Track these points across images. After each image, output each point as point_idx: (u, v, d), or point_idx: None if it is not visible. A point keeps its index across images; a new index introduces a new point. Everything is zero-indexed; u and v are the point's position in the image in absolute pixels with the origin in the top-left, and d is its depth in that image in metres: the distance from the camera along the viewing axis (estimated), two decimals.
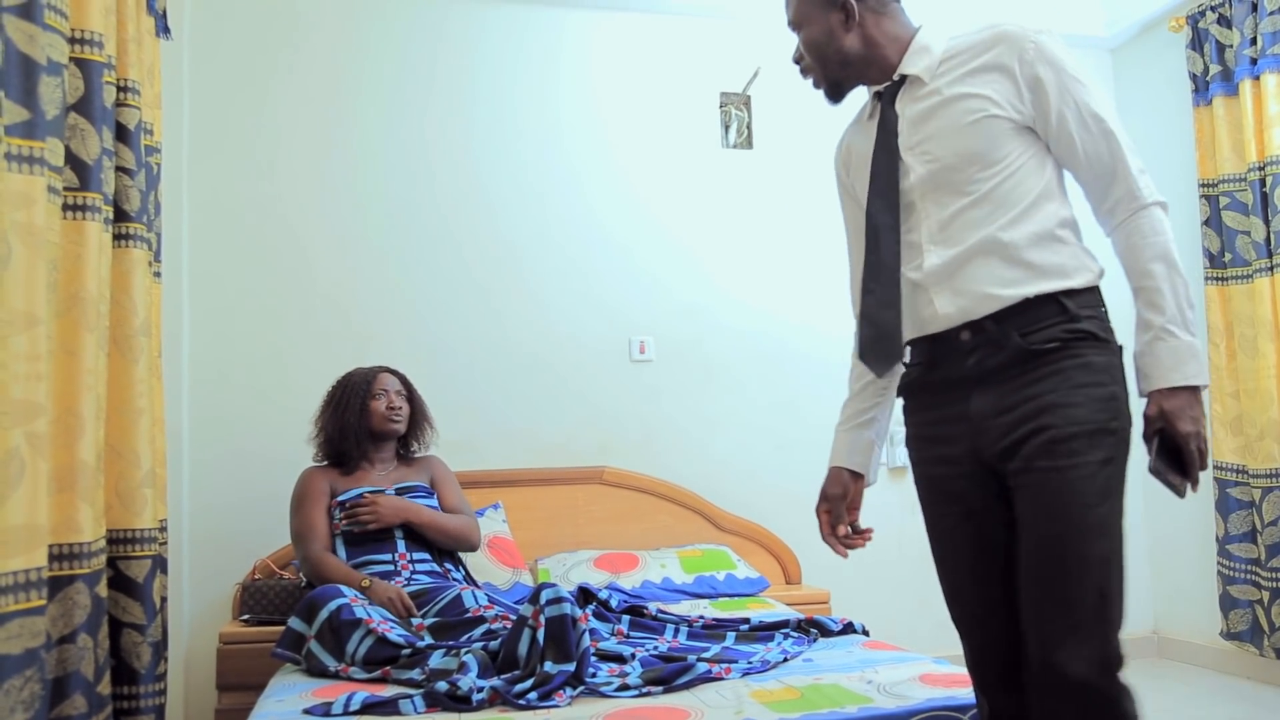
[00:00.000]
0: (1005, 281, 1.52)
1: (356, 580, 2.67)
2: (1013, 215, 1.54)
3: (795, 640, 2.56)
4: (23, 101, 2.04)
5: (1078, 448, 1.44)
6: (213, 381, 3.42)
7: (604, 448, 3.75)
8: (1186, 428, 1.43)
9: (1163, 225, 1.52)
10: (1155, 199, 1.52)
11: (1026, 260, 1.52)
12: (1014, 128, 1.56)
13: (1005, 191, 1.55)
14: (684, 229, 3.93)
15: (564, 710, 1.99)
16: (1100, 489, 1.45)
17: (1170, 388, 1.45)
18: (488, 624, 2.46)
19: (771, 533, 3.75)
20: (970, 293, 1.55)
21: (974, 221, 1.55)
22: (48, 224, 2.10)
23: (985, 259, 1.54)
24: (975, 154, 1.55)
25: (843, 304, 4.01)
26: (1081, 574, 1.43)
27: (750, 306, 3.93)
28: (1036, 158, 1.57)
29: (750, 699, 2.02)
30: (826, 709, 1.93)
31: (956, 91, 1.58)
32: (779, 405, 3.92)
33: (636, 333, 3.84)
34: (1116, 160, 1.54)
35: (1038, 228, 1.54)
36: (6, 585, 1.90)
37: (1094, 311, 1.54)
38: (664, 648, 2.48)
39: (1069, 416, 1.46)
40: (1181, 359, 1.46)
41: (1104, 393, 1.49)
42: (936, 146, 1.59)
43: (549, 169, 3.83)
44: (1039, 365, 1.50)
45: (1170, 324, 1.47)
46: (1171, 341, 1.47)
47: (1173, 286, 1.49)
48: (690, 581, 3.34)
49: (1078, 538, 1.43)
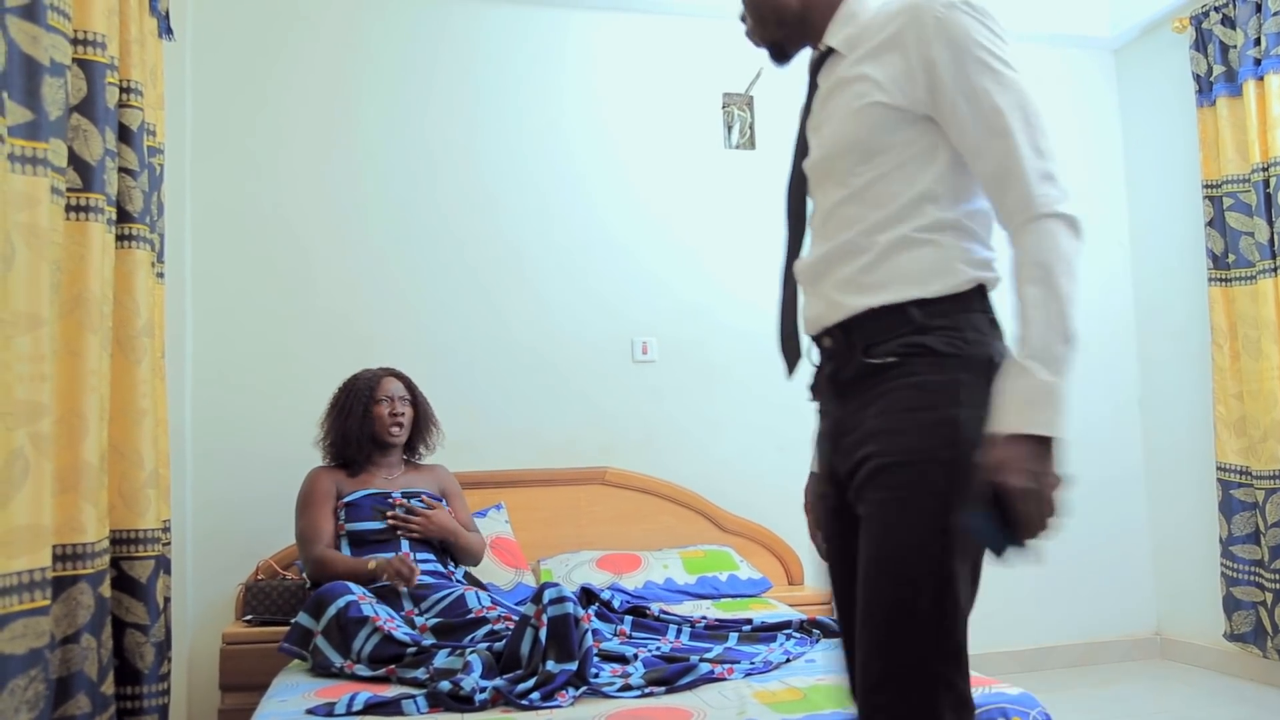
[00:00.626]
0: (856, 288, 1.36)
1: (362, 566, 2.70)
2: (882, 216, 1.36)
3: (798, 641, 2.56)
4: (26, 103, 2.06)
5: (902, 479, 1.27)
6: (215, 382, 3.43)
7: (606, 448, 3.76)
8: (1015, 482, 1.18)
9: (1052, 242, 1.27)
10: (1052, 210, 1.28)
11: (883, 266, 1.35)
12: (903, 116, 1.35)
13: (882, 189, 1.37)
14: (686, 230, 3.93)
15: (566, 710, 2.00)
16: (927, 526, 1.25)
17: (1010, 434, 1.21)
18: (490, 625, 2.47)
19: (774, 533, 3.75)
20: (826, 297, 1.41)
21: (846, 219, 1.39)
22: (51, 225, 2.11)
23: (845, 261, 1.38)
24: (854, 144, 1.38)
25: None
26: (892, 620, 1.26)
27: (753, 307, 3.93)
28: (927, 152, 1.36)
29: (753, 699, 2.03)
30: (829, 710, 1.93)
31: (855, 72, 1.39)
32: (781, 406, 3.92)
33: (639, 333, 3.85)
34: (1011, 162, 1.30)
35: (906, 231, 1.35)
36: (11, 585, 1.91)
37: (947, 322, 1.33)
38: (666, 648, 2.49)
39: (893, 444, 1.29)
40: (1031, 402, 1.22)
41: (934, 417, 1.28)
42: (827, 131, 1.43)
43: (551, 170, 3.84)
44: (877, 383, 1.34)
45: (1030, 359, 1.24)
46: (1024, 380, 1.23)
47: (1046, 316, 1.25)
48: (693, 582, 3.34)
49: (892, 581, 1.26)
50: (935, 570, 1.25)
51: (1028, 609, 4.07)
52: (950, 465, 1.26)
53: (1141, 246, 4.33)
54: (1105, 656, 4.12)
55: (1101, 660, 4.10)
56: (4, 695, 1.88)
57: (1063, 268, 1.26)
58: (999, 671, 3.84)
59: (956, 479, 1.25)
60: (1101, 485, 4.21)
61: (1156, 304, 4.26)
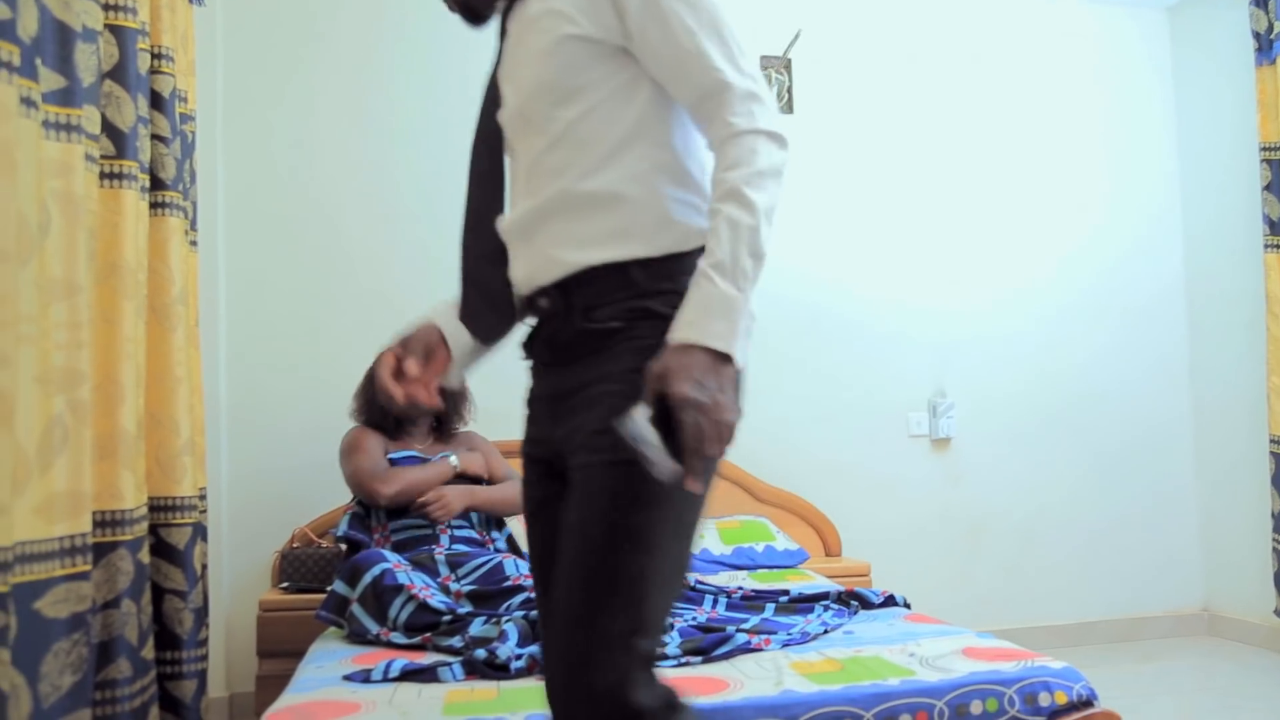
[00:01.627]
0: (573, 243, 1.27)
1: (435, 479, 2.85)
2: (591, 162, 1.27)
3: (835, 612, 2.56)
4: (59, 69, 2.07)
5: (615, 443, 1.16)
6: (249, 350, 3.46)
7: None
8: (683, 390, 1.09)
9: (749, 156, 1.19)
10: (753, 127, 1.21)
11: (600, 218, 1.27)
12: (598, 50, 1.27)
13: (585, 132, 1.27)
14: None
15: None
16: (639, 494, 1.17)
17: (682, 343, 1.13)
18: (527, 593, 2.49)
19: (811, 504, 3.75)
20: (540, 255, 1.30)
21: (553, 169, 1.29)
22: (86, 192, 2.13)
23: (559, 215, 1.28)
24: (548, 84, 1.28)
25: (885, 272, 4.00)
26: (590, 589, 1.17)
27: (790, 274, 3.90)
28: (626, 87, 1.28)
29: (790, 670, 2.03)
30: (868, 681, 1.94)
31: (543, 7, 1.30)
32: (820, 375, 3.91)
33: None
34: (708, 82, 1.22)
35: (619, 176, 1.26)
36: (53, 550, 1.96)
37: (671, 285, 1.25)
38: (702, 618, 2.50)
39: (611, 409, 1.20)
40: (709, 310, 1.14)
41: None
42: (521, 74, 1.33)
43: None
44: (599, 348, 1.26)
45: (714, 268, 1.16)
46: (703, 289, 1.15)
47: (734, 229, 1.17)
48: (729, 553, 3.35)
49: (592, 548, 1.18)
50: (641, 539, 1.17)
51: (1070, 582, 4.04)
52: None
53: (1193, 211, 4.25)
54: (1150, 632, 4.09)
55: (1146, 636, 4.07)
56: (48, 658, 1.93)
57: (758, 182, 1.19)
58: (1039, 646, 3.82)
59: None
60: (1148, 456, 4.16)
61: (1208, 271, 4.18)
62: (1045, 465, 4.07)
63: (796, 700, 1.86)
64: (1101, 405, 4.14)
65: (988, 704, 1.92)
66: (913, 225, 4.03)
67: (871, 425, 3.94)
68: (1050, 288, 4.14)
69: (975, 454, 4.02)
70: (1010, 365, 4.08)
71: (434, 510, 2.80)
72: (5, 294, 1.74)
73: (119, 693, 2.27)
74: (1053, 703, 1.95)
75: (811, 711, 1.85)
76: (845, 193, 3.98)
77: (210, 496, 3.20)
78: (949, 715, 1.90)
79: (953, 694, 1.92)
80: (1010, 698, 1.94)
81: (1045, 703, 1.95)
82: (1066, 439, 4.10)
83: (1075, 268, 4.17)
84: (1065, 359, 4.13)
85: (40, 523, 1.92)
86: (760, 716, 1.83)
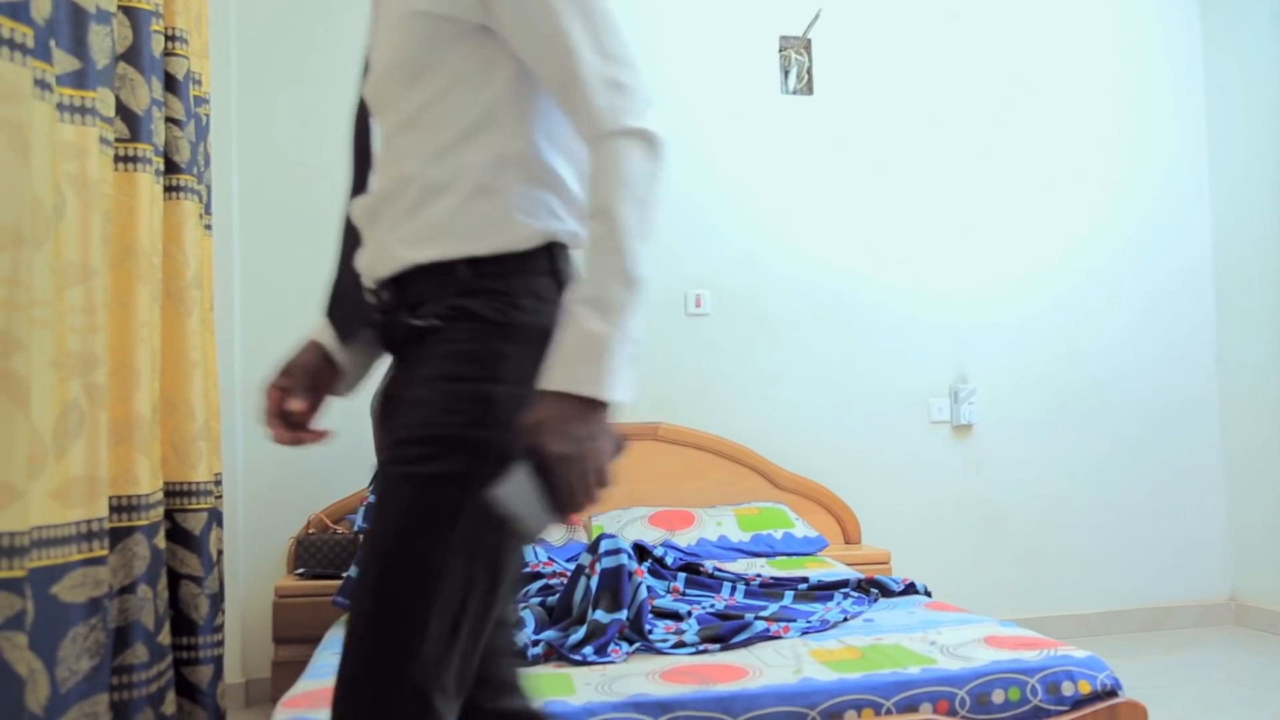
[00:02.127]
0: (410, 236, 1.19)
1: None
2: (435, 149, 1.19)
3: (855, 600, 2.56)
4: (73, 50, 2.08)
5: (417, 456, 1.11)
6: (265, 335, 3.48)
7: (659, 403, 3.76)
8: (552, 446, 1.04)
9: (616, 165, 1.10)
10: (619, 125, 1.12)
11: (434, 212, 1.18)
12: (452, 28, 1.18)
13: (436, 115, 1.19)
14: (741, 178, 3.89)
15: (620, 665, 2.03)
16: (432, 509, 1.09)
17: (553, 392, 1.07)
18: (544, 580, 2.50)
19: (830, 491, 3.75)
20: (379, 244, 1.23)
21: (400, 152, 1.21)
22: (100, 176, 2.14)
23: (398, 204, 1.21)
24: (401, 61, 1.20)
25: (906, 256, 3.98)
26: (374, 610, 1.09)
27: (810, 258, 3.89)
28: (482, 70, 1.18)
29: (809, 658, 2.04)
30: (888, 669, 1.94)
31: None
32: (839, 360, 3.89)
33: (693, 286, 3.83)
34: (571, 69, 1.13)
35: (460, 166, 1.18)
36: (69, 535, 1.97)
37: (499, 285, 1.16)
38: (721, 605, 2.50)
39: (416, 416, 1.13)
40: (577, 356, 1.07)
41: (467, 391, 1.12)
42: (379, 48, 1.26)
43: None
44: (421, 348, 1.18)
45: (580, 303, 1.08)
46: (572, 330, 1.08)
47: (604, 255, 1.09)
48: (747, 540, 3.36)
49: (379, 565, 1.11)
50: (424, 562, 1.09)
51: (1094, 570, 4.02)
52: (476, 447, 1.10)
53: (1221, 189, 4.20)
54: (1175, 621, 4.06)
55: (1171, 625, 4.05)
56: (65, 643, 1.95)
57: (626, 195, 1.09)
58: (1062, 635, 3.81)
59: (481, 463, 1.09)
60: (1173, 441, 4.13)
61: (1238, 255, 4.13)
62: (1068, 451, 4.05)
63: (816, 688, 1.86)
64: (1126, 389, 4.11)
65: (1010, 693, 1.92)
66: (933, 208, 4.00)
67: (892, 411, 3.93)
68: (1074, 270, 4.10)
69: (997, 440, 4.00)
70: (1033, 349, 4.05)
71: None
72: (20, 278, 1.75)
73: (135, 678, 2.29)
74: (1076, 692, 1.95)
75: (831, 700, 1.85)
76: (865, 175, 3.96)
77: (225, 482, 3.22)
78: (970, 704, 1.90)
79: (974, 683, 1.92)
80: (1033, 687, 1.93)
81: (1068, 692, 1.94)
82: (1090, 424, 4.07)
83: (1098, 249, 4.13)
84: (1089, 342, 4.10)
85: (57, 507, 1.94)
86: (779, 704, 1.83)
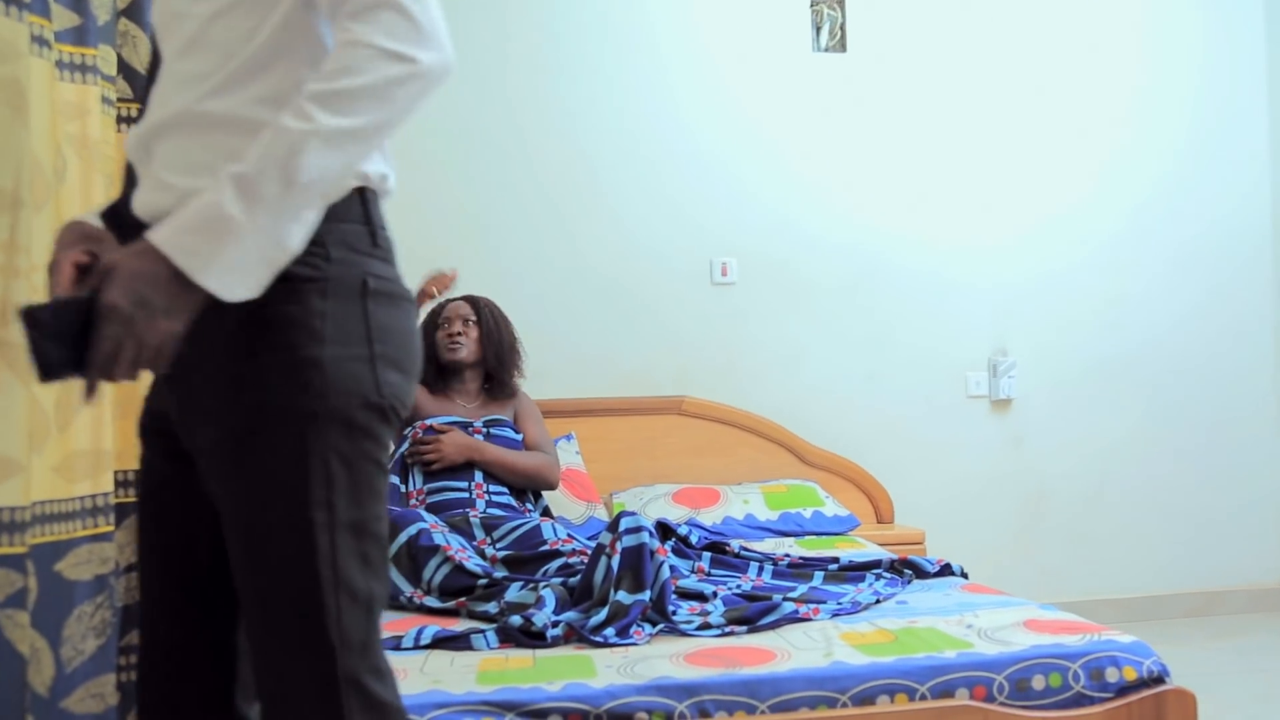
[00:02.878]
0: (185, 172, 1.10)
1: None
2: (223, 76, 1.10)
3: (888, 581, 2.56)
4: (72, 6, 2.08)
5: (253, 447, 1.08)
6: None
7: (683, 376, 3.76)
8: (115, 298, 0.97)
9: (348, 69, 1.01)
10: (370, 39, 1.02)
11: (219, 147, 1.08)
12: None
13: (220, 35, 1.10)
14: (770, 139, 3.86)
15: (643, 648, 2.03)
16: (294, 504, 1.08)
17: (151, 246, 0.99)
18: (564, 558, 2.51)
19: (862, 468, 3.74)
20: (154, 181, 1.14)
21: (182, 79, 1.13)
22: (103, 136, 2.14)
23: (177, 136, 1.12)
24: None
25: (942, 218, 3.94)
26: (275, 623, 1.10)
27: (841, 222, 3.86)
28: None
29: (840, 641, 2.04)
30: (922, 653, 1.94)
31: None
32: (872, 330, 3.88)
33: (718, 253, 3.82)
34: None
35: (250, 97, 1.10)
36: (74, 510, 1.99)
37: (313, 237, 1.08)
38: (747, 586, 2.51)
39: (240, 401, 1.09)
40: (197, 222, 0.99)
41: (290, 360, 1.07)
42: None
43: (630, 75, 3.79)
44: (220, 312, 1.04)
45: (230, 178, 0.99)
46: (209, 196, 1.00)
47: (274, 140, 1.00)
48: (775, 519, 3.36)
49: (268, 576, 1.10)
50: (314, 554, 1.08)
51: (1140, 552, 4.01)
52: (313, 421, 1.07)
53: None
54: (1225, 607, 4.04)
55: (1221, 611, 4.03)
56: (70, 621, 1.98)
57: (339, 97, 1.00)
58: (1106, 620, 3.80)
59: (324, 438, 1.07)
60: (1227, 417, 4.10)
61: None
62: (1114, 427, 4.02)
63: (847, 672, 1.86)
64: (1177, 362, 4.07)
65: (1050, 679, 1.91)
66: (972, 169, 3.96)
67: (927, 384, 3.91)
68: (1123, 236, 4.06)
69: (1038, 415, 3.98)
70: (1078, 320, 4.02)
71: (425, 452, 2.87)
72: (20, 242, 1.76)
73: None
74: (1120, 679, 1.93)
75: (863, 684, 1.85)
76: (900, 135, 3.92)
77: None
78: (1009, 690, 1.90)
79: (1013, 668, 1.91)
80: (1075, 673, 1.93)
81: (1113, 679, 1.93)
82: (1138, 399, 4.04)
83: (1152, 214, 4.08)
84: (1138, 312, 4.05)
85: (61, 482, 1.96)
86: (809, 689, 1.83)
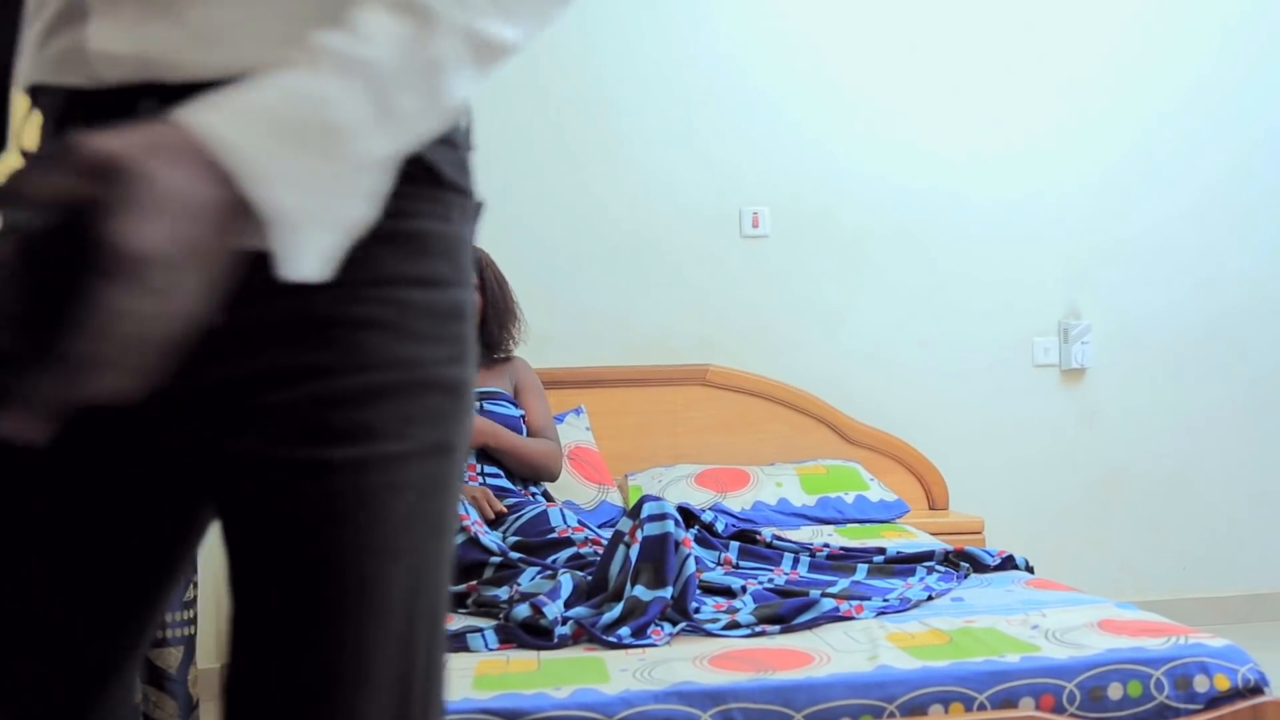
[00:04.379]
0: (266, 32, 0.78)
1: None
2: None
3: (941, 575, 2.55)
4: None
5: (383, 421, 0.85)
6: None
7: (708, 342, 3.74)
8: (142, 234, 0.61)
9: None
10: None
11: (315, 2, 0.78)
12: None
13: None
14: (810, 68, 3.82)
15: (662, 650, 2.02)
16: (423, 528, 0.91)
17: (188, 130, 0.65)
18: (575, 547, 2.51)
19: (912, 447, 3.74)
20: (189, 23, 0.78)
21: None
22: None
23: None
24: None
25: (1012, 160, 3.88)
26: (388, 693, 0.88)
27: (893, 163, 3.83)
28: None
29: (886, 643, 2.02)
30: (981, 657, 1.92)
31: None
32: (923, 291, 3.85)
33: (749, 202, 3.79)
34: None
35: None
36: None
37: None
38: (781, 580, 2.50)
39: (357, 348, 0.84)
40: (297, 117, 0.68)
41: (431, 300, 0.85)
42: None
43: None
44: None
45: (356, 56, 0.69)
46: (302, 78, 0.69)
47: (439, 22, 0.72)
48: (812, 504, 3.36)
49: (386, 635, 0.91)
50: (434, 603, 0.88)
51: (1232, 545, 3.98)
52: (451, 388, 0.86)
53: None
54: None
55: None
56: None
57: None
58: (1194, 621, 3.75)
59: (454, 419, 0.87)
60: None
61: None
62: (1203, 402, 3.98)
63: (895, 678, 1.85)
64: (1277, 328, 4.01)
65: (1129, 688, 1.89)
66: (1050, 101, 3.91)
67: (988, 352, 3.88)
68: (1218, 185, 4.00)
69: (1116, 387, 3.94)
70: (1163, 278, 3.97)
71: None
72: None
73: None
74: (1211, 688, 1.91)
75: (913, 692, 1.83)
76: (967, 57, 3.87)
77: None
78: (1081, 699, 1.87)
79: (1085, 675, 1.88)
80: (1158, 680, 1.90)
81: (1202, 688, 1.90)
82: (1230, 369, 3.99)
83: (1254, 159, 4.01)
84: (1232, 269, 4.00)
85: None
86: (851, 696, 1.81)
